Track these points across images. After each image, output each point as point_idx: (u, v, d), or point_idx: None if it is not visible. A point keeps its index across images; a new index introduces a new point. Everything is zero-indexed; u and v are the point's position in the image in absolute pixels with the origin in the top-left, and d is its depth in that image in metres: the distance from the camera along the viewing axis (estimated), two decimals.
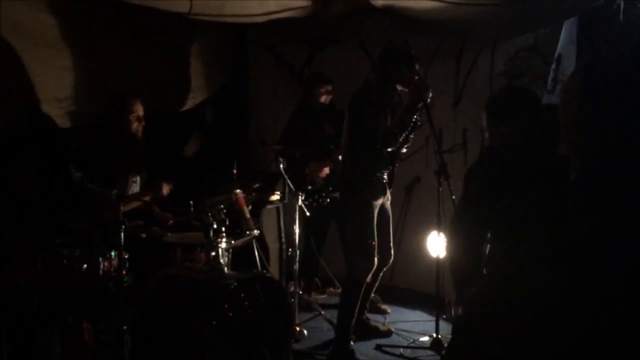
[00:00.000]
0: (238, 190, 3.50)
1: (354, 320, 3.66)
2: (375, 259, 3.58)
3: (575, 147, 0.81)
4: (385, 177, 3.64)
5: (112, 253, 3.00)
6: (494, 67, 4.56)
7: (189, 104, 4.87)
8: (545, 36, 4.30)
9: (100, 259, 2.98)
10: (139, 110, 3.68)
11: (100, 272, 2.98)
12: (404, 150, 3.75)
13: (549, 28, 4.27)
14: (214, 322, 2.90)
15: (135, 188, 3.72)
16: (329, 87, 4.59)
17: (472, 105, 4.67)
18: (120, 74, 4.25)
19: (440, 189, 3.62)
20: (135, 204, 3.50)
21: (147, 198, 3.57)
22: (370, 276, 3.62)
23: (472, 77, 4.67)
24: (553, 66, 4.21)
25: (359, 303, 3.66)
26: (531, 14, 3.95)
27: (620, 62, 0.76)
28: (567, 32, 4.24)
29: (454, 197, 3.35)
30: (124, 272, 2.89)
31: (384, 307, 4.51)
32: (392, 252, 3.85)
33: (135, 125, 3.65)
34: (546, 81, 4.23)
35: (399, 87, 3.57)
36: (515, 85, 4.06)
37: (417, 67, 3.55)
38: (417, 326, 4.23)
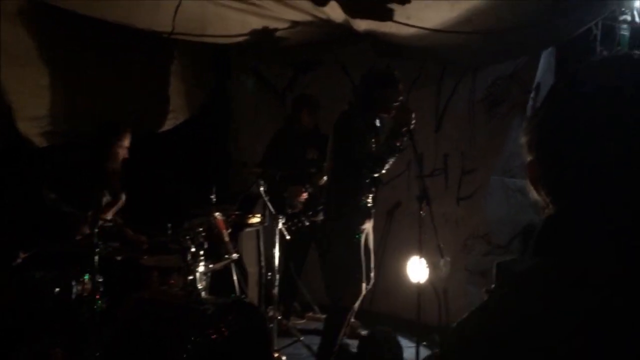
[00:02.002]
0: (217, 213, 3.45)
1: (336, 348, 3.60)
2: (363, 285, 3.54)
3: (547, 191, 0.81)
4: (370, 201, 3.61)
5: (86, 276, 2.92)
6: (474, 93, 4.62)
7: (169, 124, 4.82)
8: (524, 65, 4.38)
9: (74, 282, 2.90)
10: (128, 141, 3.67)
11: (73, 295, 2.90)
12: (383, 171, 3.75)
13: (527, 57, 4.34)
14: (190, 349, 2.83)
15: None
16: (315, 110, 4.58)
17: (453, 131, 4.71)
18: (99, 93, 4.20)
19: (422, 214, 3.61)
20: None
21: (112, 211, 3.52)
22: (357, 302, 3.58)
23: (453, 102, 4.72)
24: (532, 94, 4.28)
25: (343, 330, 3.61)
26: (510, 43, 4.01)
27: (587, 101, 0.76)
28: (545, 61, 4.32)
29: (434, 220, 3.37)
30: (97, 297, 2.81)
31: (363, 332, 4.44)
32: (373, 275, 3.81)
33: (120, 155, 3.62)
34: (526, 109, 4.30)
35: (382, 113, 3.57)
36: None
37: (400, 90, 3.56)
38: None
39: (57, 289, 2.87)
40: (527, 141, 0.84)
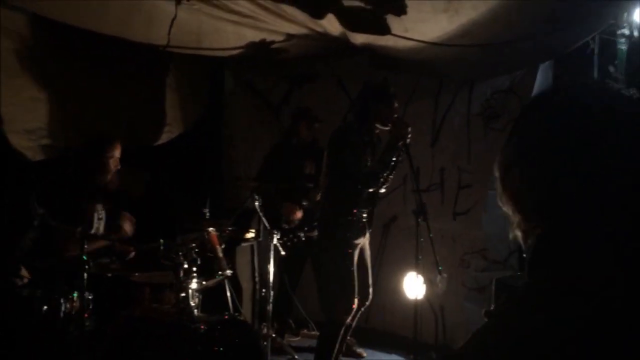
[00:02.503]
0: (211, 229, 3.39)
1: None
2: (356, 300, 3.48)
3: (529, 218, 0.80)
4: (365, 216, 3.57)
5: (75, 293, 2.85)
6: (471, 107, 4.59)
7: (164, 138, 4.77)
8: (522, 78, 4.36)
9: (62, 300, 2.82)
10: (118, 152, 3.52)
11: (62, 313, 2.82)
12: (383, 190, 3.70)
13: (525, 70, 4.33)
14: None
15: (100, 225, 3.56)
16: (313, 123, 4.54)
17: (450, 145, 4.68)
18: (94, 105, 4.15)
19: (419, 229, 3.56)
20: (101, 243, 3.34)
21: (114, 238, 3.41)
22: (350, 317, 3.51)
23: (449, 116, 4.69)
24: None
25: (337, 346, 3.54)
26: (507, 57, 4.00)
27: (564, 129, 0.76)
28: (542, 75, 4.30)
29: (431, 235, 3.32)
30: (87, 314, 2.74)
31: (359, 350, 4.38)
32: (371, 291, 3.75)
33: (111, 167, 3.49)
34: None
35: (378, 126, 3.54)
36: None
37: (396, 105, 3.53)
38: None
39: (45, 307, 2.79)
40: (506, 161, 0.81)
